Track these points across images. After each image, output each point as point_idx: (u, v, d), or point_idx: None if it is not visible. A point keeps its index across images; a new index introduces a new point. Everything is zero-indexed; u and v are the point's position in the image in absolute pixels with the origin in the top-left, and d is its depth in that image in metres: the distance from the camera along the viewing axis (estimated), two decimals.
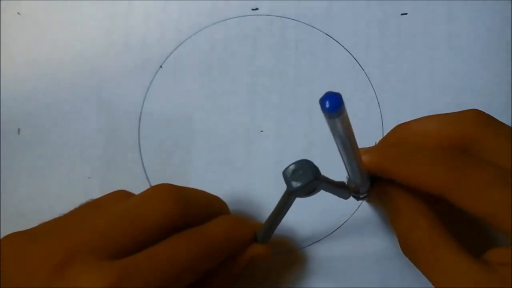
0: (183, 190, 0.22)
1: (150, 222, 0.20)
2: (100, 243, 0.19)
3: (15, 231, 0.28)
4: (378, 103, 0.28)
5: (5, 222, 0.28)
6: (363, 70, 0.28)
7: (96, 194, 0.28)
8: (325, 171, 0.28)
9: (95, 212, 0.21)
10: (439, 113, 0.22)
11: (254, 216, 0.28)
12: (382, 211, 0.26)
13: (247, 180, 0.28)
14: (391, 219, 0.22)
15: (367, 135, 0.28)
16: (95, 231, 0.19)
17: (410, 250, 0.21)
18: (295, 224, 0.27)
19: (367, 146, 0.28)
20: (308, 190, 0.20)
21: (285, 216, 0.28)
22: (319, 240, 0.27)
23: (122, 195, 0.22)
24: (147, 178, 0.28)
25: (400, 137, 0.23)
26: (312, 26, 0.29)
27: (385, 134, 0.28)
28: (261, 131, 0.28)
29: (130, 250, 0.19)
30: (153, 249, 0.19)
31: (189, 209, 0.21)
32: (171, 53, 0.29)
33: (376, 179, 0.22)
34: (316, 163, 0.28)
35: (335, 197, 0.28)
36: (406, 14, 0.29)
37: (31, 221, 0.28)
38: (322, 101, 0.15)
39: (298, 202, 0.28)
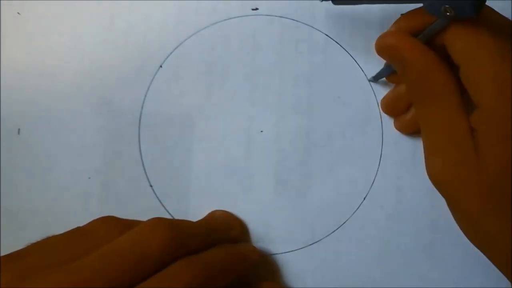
0: (177, 222, 0.22)
1: (146, 258, 0.20)
2: (97, 282, 0.18)
3: (14, 231, 0.28)
4: (378, 103, 0.28)
5: (5, 222, 0.28)
6: (363, 70, 0.28)
7: (96, 194, 0.28)
8: (325, 171, 0.28)
9: (87, 246, 0.20)
10: None
11: (254, 216, 0.28)
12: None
13: (247, 180, 0.28)
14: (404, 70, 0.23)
15: (367, 135, 0.28)
16: (92, 270, 0.19)
17: (420, 94, 0.23)
18: (296, 224, 0.27)
19: (368, 148, 0.28)
20: None
21: (285, 216, 0.28)
22: (319, 240, 0.27)
23: (110, 224, 0.22)
24: (147, 178, 0.28)
25: None
26: (312, 27, 0.29)
27: (384, 134, 0.28)
28: (261, 131, 0.28)
29: (126, 286, 0.19)
30: (148, 282, 0.19)
31: (184, 241, 0.21)
32: (171, 53, 0.29)
33: None
34: (316, 163, 0.28)
35: (335, 197, 0.28)
36: None
37: (31, 221, 0.28)
38: None
39: (298, 202, 0.28)
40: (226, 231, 0.26)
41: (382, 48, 0.24)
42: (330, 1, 0.26)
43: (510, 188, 0.20)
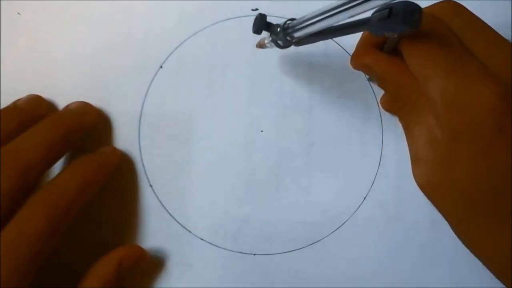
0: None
1: None
2: None
3: None
4: (378, 103, 0.28)
5: None
6: None
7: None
8: (325, 171, 0.28)
9: None
10: None
11: (254, 216, 0.28)
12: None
13: (247, 180, 0.28)
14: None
15: (367, 135, 0.28)
16: None
17: (398, 104, 0.24)
18: (295, 224, 0.27)
19: (368, 148, 0.28)
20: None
21: (285, 216, 0.28)
22: (319, 240, 0.27)
23: None
24: (147, 178, 0.28)
25: None
26: None
27: (384, 134, 0.28)
28: (261, 131, 0.28)
29: None
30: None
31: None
32: (171, 53, 0.29)
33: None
34: (316, 163, 0.28)
35: (335, 196, 0.28)
36: None
37: None
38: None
39: (298, 202, 0.28)
40: (79, 116, 0.27)
41: (356, 68, 0.25)
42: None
43: (486, 198, 0.20)
